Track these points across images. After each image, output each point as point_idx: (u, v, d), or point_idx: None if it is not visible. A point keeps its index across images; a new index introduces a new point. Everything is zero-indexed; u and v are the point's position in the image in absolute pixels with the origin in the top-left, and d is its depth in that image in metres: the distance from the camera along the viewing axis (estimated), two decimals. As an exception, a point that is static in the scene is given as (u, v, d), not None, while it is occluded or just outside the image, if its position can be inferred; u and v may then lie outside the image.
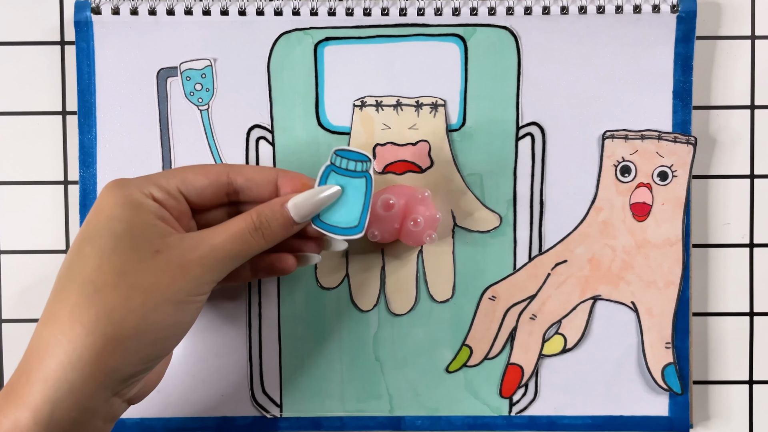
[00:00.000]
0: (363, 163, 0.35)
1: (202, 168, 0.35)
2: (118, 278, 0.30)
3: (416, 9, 0.41)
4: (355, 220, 0.35)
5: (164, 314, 0.31)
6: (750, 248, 0.43)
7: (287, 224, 0.34)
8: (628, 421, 0.42)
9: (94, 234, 0.31)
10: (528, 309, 0.42)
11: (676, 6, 0.40)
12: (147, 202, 0.32)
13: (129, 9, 0.41)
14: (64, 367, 0.29)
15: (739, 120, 0.43)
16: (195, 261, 0.31)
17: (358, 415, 0.42)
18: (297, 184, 0.35)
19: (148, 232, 0.31)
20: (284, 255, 0.37)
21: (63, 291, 0.30)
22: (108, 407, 0.31)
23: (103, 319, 0.29)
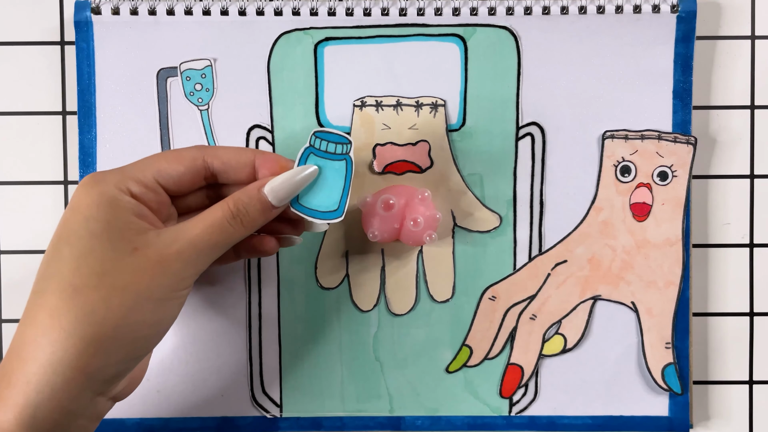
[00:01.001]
0: (343, 145, 0.35)
1: (176, 154, 0.34)
2: (97, 279, 0.30)
3: (416, 9, 0.41)
4: (335, 203, 0.35)
5: (145, 313, 0.30)
6: (750, 248, 0.43)
7: (265, 209, 0.33)
8: (628, 421, 0.42)
9: (71, 234, 0.31)
10: (528, 309, 0.42)
11: (676, 6, 0.40)
12: (124, 200, 0.32)
13: (129, 9, 0.41)
14: (45, 370, 0.29)
15: (739, 120, 0.43)
16: (173, 256, 0.31)
17: (358, 415, 0.42)
18: (275, 166, 0.34)
19: (125, 231, 0.31)
20: (265, 237, 0.37)
21: (42, 293, 0.30)
22: (92, 407, 0.31)
23: (82, 320, 0.29)
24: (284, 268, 0.42)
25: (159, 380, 0.42)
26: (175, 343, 0.42)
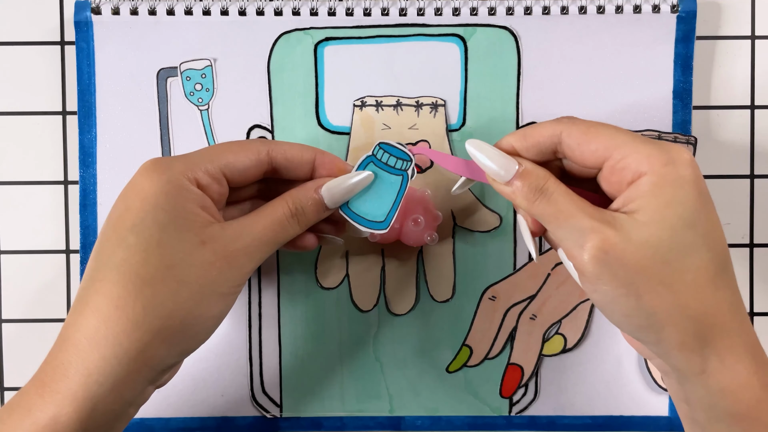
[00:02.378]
0: (404, 161, 0.35)
1: (244, 147, 0.33)
2: (165, 271, 0.29)
3: (416, 9, 0.41)
4: (383, 215, 0.35)
5: (210, 306, 0.31)
6: (750, 248, 0.43)
7: (320, 209, 0.34)
8: (628, 421, 0.42)
9: (138, 223, 0.30)
10: (528, 309, 0.42)
11: (676, 6, 0.40)
12: (191, 190, 0.31)
13: (129, 9, 0.41)
14: (109, 362, 0.28)
15: (739, 120, 0.43)
16: (240, 251, 0.31)
17: (358, 415, 0.42)
18: (333, 168, 0.35)
19: (192, 223, 0.30)
20: (308, 234, 0.36)
21: (103, 282, 0.29)
22: (144, 395, 0.31)
23: (150, 312, 0.29)
24: (284, 268, 0.42)
25: (159, 380, 0.42)
26: (175, 343, 0.42)
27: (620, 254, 0.28)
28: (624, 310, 0.29)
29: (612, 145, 0.29)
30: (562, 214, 0.29)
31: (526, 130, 0.32)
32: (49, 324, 0.43)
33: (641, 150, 0.29)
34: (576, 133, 0.30)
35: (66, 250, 0.43)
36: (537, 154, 0.32)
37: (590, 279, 0.29)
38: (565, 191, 0.30)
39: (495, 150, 0.32)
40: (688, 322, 0.28)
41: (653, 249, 0.28)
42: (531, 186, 0.30)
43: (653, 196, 0.28)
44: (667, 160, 0.28)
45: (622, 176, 0.29)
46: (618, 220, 0.29)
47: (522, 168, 0.31)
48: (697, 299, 0.28)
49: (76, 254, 0.43)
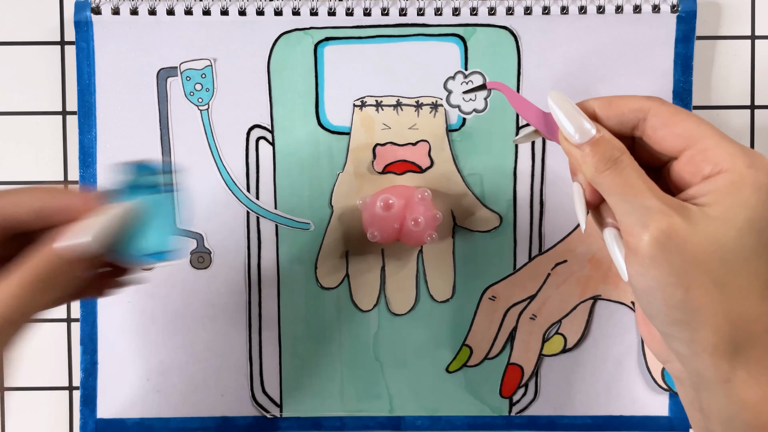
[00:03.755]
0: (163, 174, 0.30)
1: None
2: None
3: (416, 9, 0.41)
4: (165, 243, 0.29)
5: None
6: (750, 248, 0.43)
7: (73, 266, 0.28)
8: (628, 421, 0.42)
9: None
10: (528, 309, 0.42)
11: (676, 6, 0.40)
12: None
13: (129, 9, 0.41)
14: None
15: (739, 120, 0.43)
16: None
17: (358, 415, 0.42)
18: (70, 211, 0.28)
19: None
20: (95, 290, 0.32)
21: None
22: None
23: None
24: (284, 268, 0.42)
25: (159, 380, 0.42)
26: (175, 343, 0.42)
27: (682, 242, 0.27)
28: (668, 300, 0.28)
29: (698, 134, 0.29)
30: (632, 189, 0.28)
31: (612, 98, 0.31)
32: (49, 324, 0.43)
33: (726, 147, 0.28)
34: (664, 113, 0.29)
35: (66, 250, 0.43)
36: (616, 125, 0.30)
37: (643, 261, 0.28)
38: (638, 168, 0.29)
39: (576, 109, 0.30)
40: (728, 326, 0.28)
41: (717, 245, 0.28)
42: (604, 155, 0.29)
43: (729, 194, 0.28)
44: (750, 163, 0.28)
45: (700, 168, 0.29)
46: (687, 209, 0.28)
47: (599, 135, 0.30)
48: (742, 305, 0.28)
49: (76, 254, 0.43)
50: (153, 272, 0.41)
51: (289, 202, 0.42)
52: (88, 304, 0.42)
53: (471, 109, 0.35)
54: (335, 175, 0.41)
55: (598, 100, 0.31)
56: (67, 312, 0.43)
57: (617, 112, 0.30)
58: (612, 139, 0.30)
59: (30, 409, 0.43)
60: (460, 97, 0.36)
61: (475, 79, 0.35)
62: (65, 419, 0.43)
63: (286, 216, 0.42)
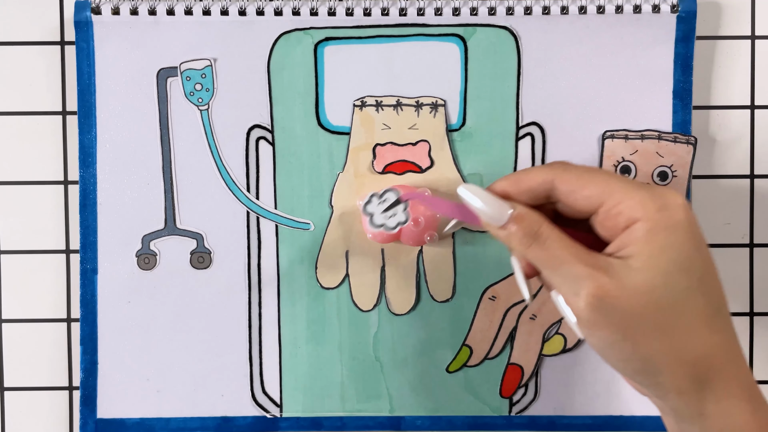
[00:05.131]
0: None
1: None
2: None
3: (416, 9, 0.41)
4: None
5: None
6: (750, 248, 0.43)
7: None
8: (628, 421, 0.42)
9: None
10: (528, 309, 0.42)
11: (676, 6, 0.40)
12: None
13: (129, 9, 0.41)
14: None
15: (739, 120, 0.43)
16: None
17: (358, 415, 0.42)
18: None
19: None
20: None
21: None
22: None
23: None
24: (284, 268, 0.42)
25: (159, 380, 0.42)
26: (175, 343, 0.42)
27: (615, 300, 0.28)
28: (620, 355, 0.29)
29: (606, 191, 0.30)
30: (557, 260, 0.30)
31: (519, 175, 0.32)
32: (49, 324, 0.43)
33: (635, 196, 0.29)
34: (569, 179, 0.31)
35: (66, 250, 0.43)
36: (530, 199, 0.32)
37: (587, 325, 0.29)
38: (559, 236, 0.30)
39: (488, 194, 0.32)
40: (685, 366, 0.29)
41: (648, 295, 0.28)
42: (525, 231, 0.31)
43: (647, 241, 0.28)
44: (661, 206, 0.29)
45: (617, 222, 0.29)
46: (612, 266, 0.29)
47: (515, 212, 0.31)
48: (692, 343, 0.29)
49: (76, 254, 0.43)
50: (153, 272, 0.42)
51: (289, 202, 0.42)
52: (88, 303, 0.42)
53: (395, 223, 0.38)
54: (335, 175, 0.41)
55: (505, 180, 0.32)
56: (67, 312, 0.43)
57: (525, 188, 0.31)
58: (528, 214, 0.31)
59: (30, 409, 0.43)
60: (382, 217, 0.38)
61: (389, 196, 0.37)
62: (65, 419, 0.43)
63: (286, 216, 0.42)
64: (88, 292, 0.42)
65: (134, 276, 0.42)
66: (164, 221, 0.41)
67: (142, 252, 0.42)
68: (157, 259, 0.42)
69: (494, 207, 0.31)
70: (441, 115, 0.41)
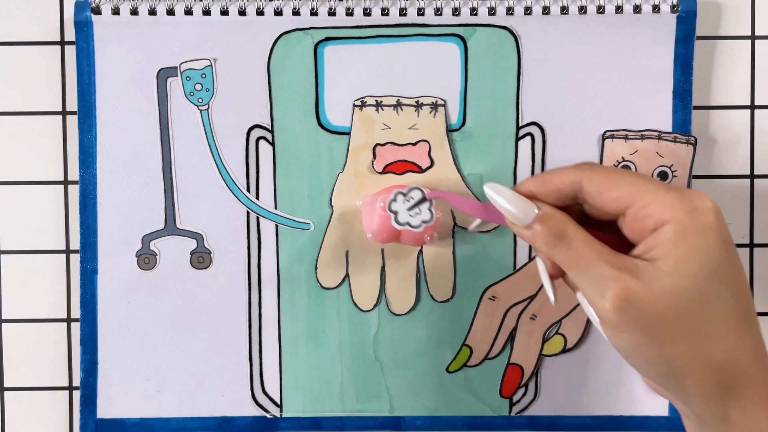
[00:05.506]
0: None
1: None
2: None
3: (416, 9, 0.41)
4: None
5: None
6: (750, 248, 0.43)
7: None
8: (628, 421, 0.42)
9: None
10: (528, 309, 0.42)
11: (676, 6, 0.40)
12: None
13: (129, 9, 0.41)
14: None
15: (739, 120, 0.43)
16: None
17: (358, 415, 0.42)
18: None
19: None
20: None
21: None
22: None
23: None
24: (284, 268, 0.42)
25: (159, 380, 0.42)
26: (175, 343, 0.42)
27: (641, 303, 0.28)
28: (646, 357, 0.29)
29: (634, 192, 0.29)
30: (583, 261, 0.29)
31: (546, 175, 0.31)
32: (49, 324, 0.43)
33: (663, 198, 0.29)
34: (597, 180, 0.30)
35: (66, 250, 0.43)
36: (557, 200, 0.31)
37: (612, 326, 0.29)
38: (585, 237, 0.30)
39: (514, 193, 0.31)
40: (710, 371, 0.28)
41: (675, 298, 0.28)
42: (551, 231, 0.30)
43: (676, 244, 0.28)
44: (690, 209, 0.28)
45: (645, 224, 0.29)
46: (639, 267, 0.28)
47: (541, 212, 0.31)
48: (719, 349, 0.28)
49: (76, 254, 0.43)
50: (153, 272, 0.42)
51: (289, 202, 0.42)
52: (88, 303, 0.42)
53: (420, 221, 0.38)
54: (335, 175, 0.41)
55: (532, 180, 0.32)
56: (67, 312, 0.43)
57: (552, 189, 0.31)
58: (554, 214, 0.31)
59: (30, 409, 0.43)
60: (407, 215, 0.37)
61: (414, 194, 0.37)
62: (65, 419, 0.43)
63: (286, 216, 0.42)
64: (88, 292, 0.42)
65: (134, 276, 0.42)
66: (164, 221, 0.41)
67: (142, 252, 0.42)
68: (157, 259, 0.42)
69: (520, 207, 0.31)
70: (441, 115, 0.41)
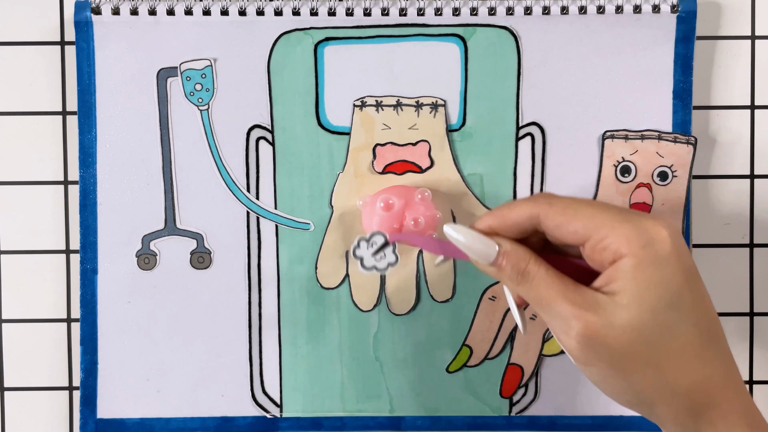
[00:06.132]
0: None
1: None
2: None
3: (416, 9, 0.41)
4: None
5: None
6: (750, 248, 0.43)
7: None
8: (628, 421, 0.42)
9: None
10: (528, 309, 0.42)
11: (676, 6, 0.40)
12: None
13: (129, 9, 0.41)
14: None
15: (739, 120, 0.43)
16: None
17: (358, 415, 0.42)
18: None
19: None
20: None
21: None
22: None
23: None
24: (284, 268, 0.42)
25: (159, 380, 0.42)
26: (175, 343, 0.42)
27: (604, 338, 0.28)
28: (614, 388, 0.30)
29: (591, 225, 0.30)
30: (544, 300, 0.30)
31: (503, 210, 0.32)
32: (49, 324, 0.43)
33: (620, 231, 0.29)
34: (554, 215, 0.30)
35: (66, 250, 0.43)
36: (518, 233, 0.32)
37: (579, 361, 0.30)
38: (545, 274, 0.30)
39: (473, 233, 0.32)
40: (679, 398, 0.29)
41: (636, 331, 0.28)
42: (513, 267, 0.31)
43: (633, 278, 0.28)
44: (646, 241, 0.29)
45: (603, 256, 0.29)
46: (600, 303, 0.29)
47: (502, 249, 0.31)
48: (685, 375, 0.29)
49: (76, 254, 0.43)
50: (153, 272, 0.42)
51: (289, 202, 0.42)
52: (88, 303, 0.42)
53: (386, 264, 0.37)
54: (335, 175, 0.41)
55: (491, 216, 0.32)
56: (67, 312, 0.43)
57: (511, 224, 0.31)
58: (514, 251, 0.31)
59: (30, 409, 0.43)
60: (372, 260, 0.37)
61: (377, 239, 0.37)
62: (65, 419, 0.43)
63: (286, 216, 0.42)
64: (88, 292, 0.42)
65: (134, 276, 0.42)
66: (164, 221, 0.41)
67: (142, 252, 0.42)
68: (157, 259, 0.42)
69: (481, 245, 0.31)
70: (441, 115, 0.41)
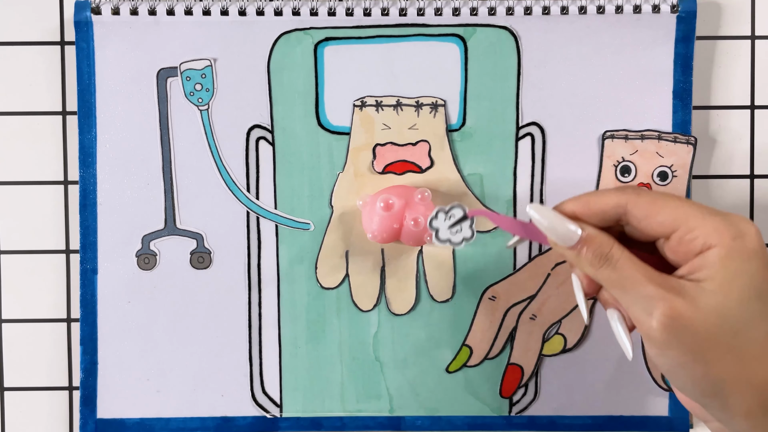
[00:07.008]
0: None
1: None
2: None
3: (416, 9, 0.41)
4: None
5: None
6: (750, 248, 0.43)
7: None
8: (628, 421, 0.42)
9: None
10: (528, 309, 0.42)
11: (676, 6, 0.40)
12: None
13: (129, 9, 0.41)
14: None
15: (739, 120, 0.43)
16: None
17: (358, 415, 0.42)
18: None
19: None
20: None
21: None
22: None
23: None
24: (284, 268, 0.42)
25: (159, 380, 0.42)
26: (175, 343, 0.42)
27: (688, 322, 0.28)
28: (691, 376, 0.30)
29: (680, 217, 0.30)
30: (629, 281, 0.30)
31: (590, 197, 0.32)
32: (49, 324, 0.43)
33: (710, 223, 0.29)
34: (643, 205, 0.30)
35: (66, 250, 0.43)
36: (600, 221, 0.32)
37: (659, 345, 0.29)
38: (630, 257, 0.30)
39: (557, 215, 0.31)
40: (755, 390, 0.29)
41: (722, 317, 0.28)
42: (595, 252, 0.31)
43: (722, 267, 0.29)
44: (736, 234, 0.29)
45: (691, 247, 0.30)
46: (685, 288, 0.29)
47: (585, 234, 0.31)
48: (764, 368, 0.29)
49: (76, 254, 0.43)
50: (153, 272, 0.42)
51: (289, 202, 0.42)
52: (88, 304, 0.42)
53: (461, 239, 0.37)
54: (335, 175, 0.41)
55: (575, 202, 0.32)
56: (67, 312, 0.43)
57: (596, 211, 0.31)
58: (598, 236, 0.31)
59: (30, 409, 0.43)
60: (448, 232, 0.37)
61: (456, 212, 0.37)
62: (65, 419, 0.43)
63: (286, 216, 0.42)
64: (88, 292, 0.42)
65: (134, 276, 0.42)
66: (164, 221, 0.42)
67: (142, 252, 0.42)
68: (157, 259, 0.42)
69: (564, 228, 0.31)
70: (441, 115, 0.41)
